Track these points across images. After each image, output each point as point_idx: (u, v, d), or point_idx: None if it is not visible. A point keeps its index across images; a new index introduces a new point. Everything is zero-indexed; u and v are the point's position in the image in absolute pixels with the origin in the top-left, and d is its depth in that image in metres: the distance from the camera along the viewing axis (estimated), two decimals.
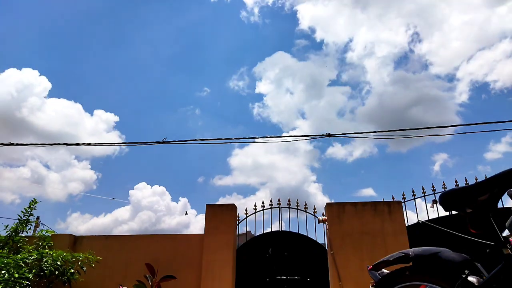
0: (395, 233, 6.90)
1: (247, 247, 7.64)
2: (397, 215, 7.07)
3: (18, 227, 7.20)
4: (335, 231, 7.09)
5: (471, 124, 7.28)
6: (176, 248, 7.62)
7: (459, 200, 1.76)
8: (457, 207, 1.79)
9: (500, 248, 1.59)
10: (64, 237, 7.83)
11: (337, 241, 6.99)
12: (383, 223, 7.00)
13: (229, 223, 7.54)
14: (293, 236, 7.55)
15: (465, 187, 1.77)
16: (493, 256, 1.63)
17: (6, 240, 6.99)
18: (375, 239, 6.87)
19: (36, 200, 7.50)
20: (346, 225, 7.07)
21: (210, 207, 7.68)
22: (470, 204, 1.71)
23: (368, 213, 7.11)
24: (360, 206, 7.22)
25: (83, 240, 7.93)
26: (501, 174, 1.61)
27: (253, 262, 7.45)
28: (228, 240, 7.36)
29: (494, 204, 1.68)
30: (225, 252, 7.23)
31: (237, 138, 8.00)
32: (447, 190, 1.82)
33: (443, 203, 1.82)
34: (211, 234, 7.43)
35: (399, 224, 7.00)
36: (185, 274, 7.20)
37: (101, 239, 7.95)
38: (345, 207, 7.25)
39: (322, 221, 7.31)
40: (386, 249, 6.65)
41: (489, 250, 1.63)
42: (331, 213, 7.24)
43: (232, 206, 7.74)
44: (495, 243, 1.61)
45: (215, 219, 7.55)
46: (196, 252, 7.42)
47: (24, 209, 7.31)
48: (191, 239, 7.73)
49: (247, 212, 7.77)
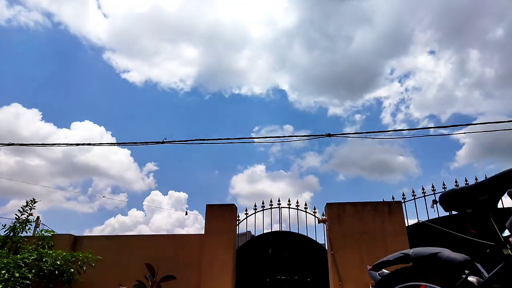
0: (395, 233, 6.90)
1: (247, 247, 7.64)
2: (397, 215, 7.08)
3: (17, 226, 7.16)
4: (335, 231, 7.09)
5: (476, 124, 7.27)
6: (176, 248, 7.63)
7: (459, 200, 1.76)
8: (457, 207, 1.79)
9: (500, 248, 1.59)
10: (64, 237, 7.84)
11: (337, 241, 6.99)
12: (383, 223, 7.01)
13: (229, 223, 7.55)
14: (293, 236, 7.55)
15: (465, 187, 1.77)
16: (493, 256, 1.63)
17: (4, 240, 6.96)
18: (375, 239, 6.88)
19: (35, 200, 7.49)
20: (346, 225, 7.07)
21: (210, 207, 7.68)
22: (470, 204, 1.71)
23: (368, 213, 7.12)
24: (360, 206, 7.22)
25: (83, 240, 7.94)
26: (501, 174, 1.61)
27: (253, 262, 7.45)
28: (228, 240, 7.36)
29: (494, 204, 1.68)
30: (225, 252, 7.23)
31: (237, 138, 8.00)
32: (447, 190, 1.82)
33: (443, 203, 1.82)
34: (211, 234, 7.43)
35: (399, 224, 7.00)
36: (185, 274, 7.20)
37: (101, 239, 7.96)
38: (345, 207, 7.25)
39: (322, 221, 7.32)
40: (386, 249, 6.65)
41: (489, 250, 1.62)
42: (331, 213, 7.24)
43: (232, 206, 7.74)
44: (495, 243, 1.61)
45: (215, 219, 7.55)
46: (196, 252, 7.42)
47: (21, 207, 7.28)
48: (191, 239, 7.73)
49: (247, 212, 7.78)
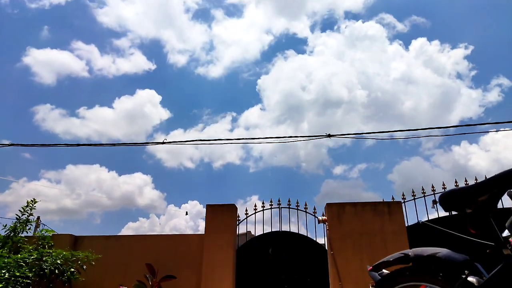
0: (395, 233, 6.90)
1: (247, 247, 7.64)
2: (397, 216, 7.08)
3: (17, 227, 7.16)
4: (335, 231, 7.09)
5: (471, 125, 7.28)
6: (176, 248, 7.63)
7: (459, 201, 1.76)
8: (457, 208, 1.80)
9: (500, 248, 1.59)
10: (64, 237, 7.84)
11: (337, 242, 7.00)
12: (383, 223, 7.01)
13: (229, 223, 7.55)
14: (293, 236, 7.55)
15: (465, 188, 1.77)
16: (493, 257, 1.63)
17: (5, 240, 6.96)
18: (375, 240, 6.88)
19: (35, 200, 7.49)
20: (346, 226, 7.07)
21: (210, 207, 7.68)
22: (470, 204, 1.71)
23: (368, 214, 7.12)
24: (360, 207, 7.22)
25: (84, 240, 7.94)
26: (501, 175, 1.61)
27: (253, 262, 7.45)
28: (228, 240, 7.36)
29: (494, 205, 1.68)
30: (225, 252, 7.23)
31: (237, 139, 8.00)
32: (447, 191, 1.82)
33: (443, 203, 1.82)
34: (211, 234, 7.43)
35: (399, 225, 7.00)
36: (185, 274, 7.20)
37: (101, 239, 7.96)
38: (345, 207, 7.25)
39: (322, 221, 7.31)
40: (386, 249, 6.66)
41: (489, 250, 1.63)
42: (331, 213, 7.24)
43: (232, 206, 7.75)
44: (495, 243, 1.61)
45: (215, 219, 7.55)
46: (196, 252, 7.43)
47: (22, 208, 7.27)
48: (191, 239, 7.73)
49: (247, 212, 7.78)
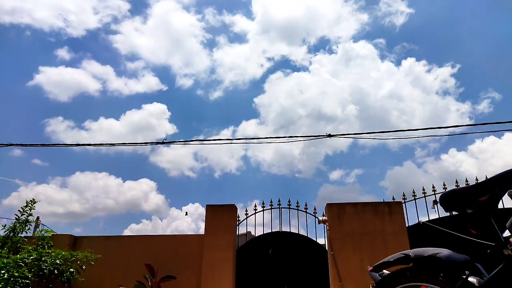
0: (395, 233, 6.89)
1: (247, 247, 7.63)
2: (397, 216, 7.06)
3: (17, 227, 7.15)
4: (336, 232, 7.08)
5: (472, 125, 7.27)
6: (176, 248, 7.62)
7: (459, 201, 1.75)
8: (457, 208, 1.79)
9: (500, 248, 1.59)
10: (64, 238, 7.83)
11: (337, 242, 6.98)
12: (383, 223, 6.99)
13: (229, 224, 7.54)
14: (293, 236, 7.54)
15: (465, 188, 1.77)
16: (494, 257, 1.63)
17: (4, 240, 6.95)
18: (375, 240, 6.87)
19: (34, 200, 7.47)
20: (347, 226, 7.06)
21: (210, 207, 7.67)
22: (470, 204, 1.71)
23: (368, 214, 7.10)
24: (360, 207, 7.21)
25: (83, 241, 7.94)
26: (501, 175, 1.61)
27: (253, 262, 7.44)
28: (228, 240, 7.35)
29: (495, 205, 1.68)
30: (225, 253, 7.22)
31: (237, 139, 7.99)
32: (447, 191, 1.82)
33: (443, 203, 1.81)
34: (211, 234, 7.42)
35: (400, 225, 6.99)
36: (185, 275, 7.19)
37: (101, 240, 7.95)
38: (346, 207, 7.24)
39: (322, 221, 7.30)
40: (387, 249, 6.65)
41: (490, 250, 1.62)
42: (331, 213, 7.23)
43: (232, 206, 7.73)
44: (495, 243, 1.61)
45: (215, 219, 7.54)
46: (196, 252, 7.42)
47: (21, 208, 7.26)
48: (191, 239, 7.72)
49: (247, 213, 7.77)
